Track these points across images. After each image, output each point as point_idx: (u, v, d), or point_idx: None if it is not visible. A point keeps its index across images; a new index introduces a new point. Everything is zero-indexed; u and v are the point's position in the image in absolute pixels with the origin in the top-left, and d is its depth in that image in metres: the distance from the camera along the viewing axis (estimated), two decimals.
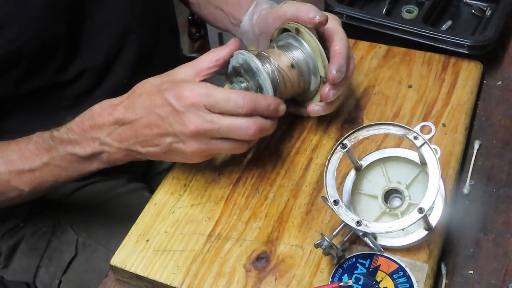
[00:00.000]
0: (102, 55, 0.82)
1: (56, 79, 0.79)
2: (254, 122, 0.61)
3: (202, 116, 0.60)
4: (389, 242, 0.61)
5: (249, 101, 0.61)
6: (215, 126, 0.61)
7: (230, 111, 0.61)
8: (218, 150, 0.64)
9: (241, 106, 0.61)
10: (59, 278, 0.85)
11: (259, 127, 0.62)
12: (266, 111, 0.63)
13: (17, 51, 0.72)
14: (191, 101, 0.60)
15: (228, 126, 0.61)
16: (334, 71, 0.66)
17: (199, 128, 0.60)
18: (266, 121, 0.63)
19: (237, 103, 0.61)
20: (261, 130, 0.62)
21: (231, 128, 0.61)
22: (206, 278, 0.61)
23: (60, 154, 0.67)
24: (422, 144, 0.57)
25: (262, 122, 0.62)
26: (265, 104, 0.62)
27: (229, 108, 0.61)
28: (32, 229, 0.88)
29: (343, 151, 0.59)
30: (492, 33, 0.81)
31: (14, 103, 0.79)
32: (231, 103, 0.61)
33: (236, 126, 0.61)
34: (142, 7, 0.85)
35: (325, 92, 0.68)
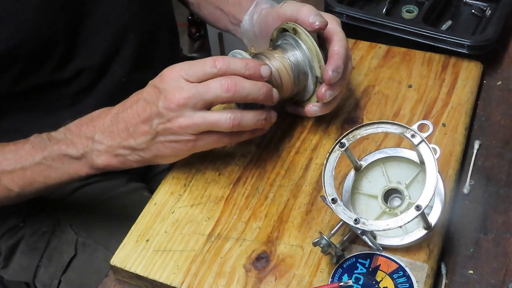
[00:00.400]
0: (100, 53, 0.82)
1: (54, 78, 0.79)
2: (231, 78, 0.61)
3: (181, 86, 0.61)
4: (389, 241, 0.61)
5: (223, 60, 0.62)
6: (192, 92, 0.61)
7: (206, 74, 0.62)
8: (204, 122, 0.62)
9: (214, 65, 0.61)
10: (58, 278, 0.85)
11: (234, 81, 0.61)
12: (244, 70, 0.62)
13: (14, 50, 0.72)
14: (170, 76, 0.62)
15: (204, 88, 0.61)
16: (330, 71, 0.66)
17: (179, 97, 0.61)
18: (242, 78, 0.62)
19: (210, 63, 0.62)
20: (238, 86, 0.61)
21: (206, 90, 0.61)
22: (206, 278, 0.61)
23: (53, 154, 0.67)
24: (420, 142, 0.57)
25: (238, 78, 0.62)
26: (241, 63, 0.62)
27: (204, 70, 0.62)
28: (32, 229, 0.88)
29: (341, 150, 0.59)
30: (492, 33, 0.81)
31: (11, 102, 0.79)
32: (205, 66, 0.62)
33: (211, 85, 0.61)
34: (139, 6, 0.85)
35: (322, 92, 0.68)
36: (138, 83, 0.75)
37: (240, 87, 0.61)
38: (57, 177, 0.69)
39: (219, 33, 1.85)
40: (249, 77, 0.62)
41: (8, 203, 0.73)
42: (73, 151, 0.66)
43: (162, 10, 0.92)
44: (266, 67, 0.64)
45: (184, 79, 0.62)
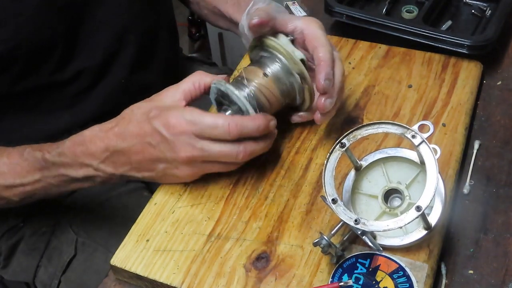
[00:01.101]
0: (99, 55, 0.82)
1: (53, 79, 0.79)
2: (244, 147, 0.63)
3: (192, 144, 0.62)
4: (389, 241, 0.61)
5: (235, 126, 0.62)
6: (205, 153, 0.63)
7: (218, 137, 0.62)
8: (211, 171, 0.66)
9: (228, 132, 0.62)
10: (58, 278, 0.85)
11: (249, 151, 0.64)
12: (256, 132, 0.63)
13: (14, 50, 0.72)
14: (179, 129, 0.62)
15: (218, 152, 0.63)
16: (322, 80, 0.66)
17: (190, 156, 0.63)
18: (257, 144, 0.64)
19: (224, 129, 0.62)
20: (252, 153, 0.64)
21: (221, 154, 0.63)
22: (206, 278, 0.61)
23: (53, 174, 0.68)
24: (420, 143, 0.57)
25: (251, 146, 0.64)
26: (253, 125, 0.63)
27: (217, 134, 0.62)
28: (32, 229, 0.88)
29: (342, 150, 0.59)
30: (492, 33, 0.81)
31: (11, 102, 0.79)
32: (218, 130, 0.62)
33: (226, 153, 0.63)
34: (140, 7, 0.85)
35: (322, 103, 0.67)
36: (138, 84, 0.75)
37: (253, 154, 0.65)
38: (59, 190, 0.70)
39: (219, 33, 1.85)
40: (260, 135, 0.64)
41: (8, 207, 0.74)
42: (73, 173, 0.67)
43: (162, 11, 0.91)
44: (273, 122, 0.65)
45: (195, 136, 0.62)
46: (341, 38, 0.88)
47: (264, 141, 0.65)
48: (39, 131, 0.74)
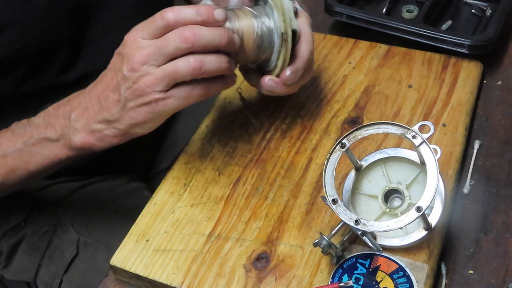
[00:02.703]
0: (104, 58, 0.81)
1: (58, 81, 0.79)
2: (186, 27, 0.59)
3: (141, 46, 0.60)
4: (389, 242, 0.61)
5: (171, 11, 0.60)
6: (152, 48, 0.59)
7: (159, 29, 0.60)
8: (167, 74, 0.60)
9: (164, 17, 0.60)
10: (60, 278, 0.85)
11: (192, 30, 0.59)
12: (196, 16, 0.60)
13: (19, 52, 0.72)
14: (129, 40, 0.61)
15: (162, 42, 0.59)
16: (288, 72, 0.66)
17: (140, 56, 0.60)
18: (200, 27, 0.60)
19: (162, 16, 0.60)
20: (195, 34, 0.59)
21: (164, 43, 0.59)
22: (206, 278, 0.61)
23: (33, 139, 0.66)
24: (421, 143, 0.57)
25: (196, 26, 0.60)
26: (192, 10, 0.60)
27: (157, 25, 0.60)
28: (33, 229, 0.88)
29: (342, 150, 0.59)
30: (492, 33, 0.81)
31: (15, 104, 0.79)
32: (158, 19, 0.60)
33: (169, 38, 0.59)
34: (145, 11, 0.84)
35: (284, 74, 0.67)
36: None
37: (199, 35, 0.59)
38: (38, 162, 0.67)
39: None
40: (203, 23, 0.60)
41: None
42: (51, 133, 0.65)
43: None
44: (219, 10, 0.61)
45: (142, 39, 0.60)
46: (341, 38, 0.87)
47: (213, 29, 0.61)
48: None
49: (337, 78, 0.82)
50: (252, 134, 0.76)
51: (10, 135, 0.68)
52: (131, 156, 0.92)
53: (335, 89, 0.80)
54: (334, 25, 0.94)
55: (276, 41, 0.66)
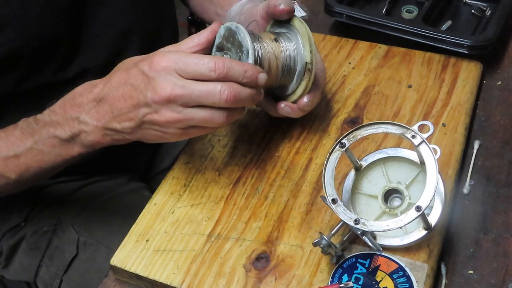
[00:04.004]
0: (102, 55, 0.82)
1: (57, 79, 0.79)
2: (228, 86, 0.59)
3: (173, 81, 0.58)
4: (389, 241, 0.61)
5: (222, 64, 0.59)
6: (187, 91, 0.58)
7: (202, 75, 0.59)
8: (194, 118, 0.60)
9: (213, 69, 0.58)
10: (60, 278, 0.85)
11: (234, 92, 0.59)
12: (242, 77, 0.60)
13: (18, 50, 0.73)
14: (161, 66, 0.59)
15: (200, 90, 0.58)
16: (307, 99, 0.69)
17: (170, 93, 0.58)
18: (242, 88, 0.60)
19: (209, 66, 0.58)
20: (236, 97, 0.59)
21: (203, 93, 0.58)
22: (206, 278, 0.61)
23: (43, 138, 0.66)
24: (420, 143, 0.57)
25: (237, 87, 0.59)
26: (240, 69, 0.60)
27: (201, 71, 0.59)
28: (33, 228, 0.88)
29: (342, 150, 0.59)
30: (492, 33, 0.81)
31: (14, 102, 0.79)
32: (203, 67, 0.58)
33: (208, 90, 0.58)
34: (143, 8, 0.85)
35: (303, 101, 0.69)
36: None
37: (238, 98, 0.60)
38: (51, 160, 0.67)
39: None
40: (245, 84, 0.60)
41: (11, 192, 0.72)
42: (61, 133, 0.65)
43: (164, 12, 0.92)
44: (263, 75, 0.62)
45: (177, 73, 0.59)
46: (341, 38, 0.88)
47: (251, 89, 0.61)
48: None
49: (337, 78, 0.82)
50: (252, 134, 0.76)
51: (18, 133, 0.67)
52: (131, 156, 0.92)
53: (335, 89, 0.80)
54: (334, 25, 0.94)
55: (298, 69, 0.68)
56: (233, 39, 0.64)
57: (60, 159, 0.67)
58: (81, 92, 0.64)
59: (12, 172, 0.68)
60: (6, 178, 0.69)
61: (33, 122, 0.67)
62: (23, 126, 0.68)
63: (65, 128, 0.65)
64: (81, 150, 0.66)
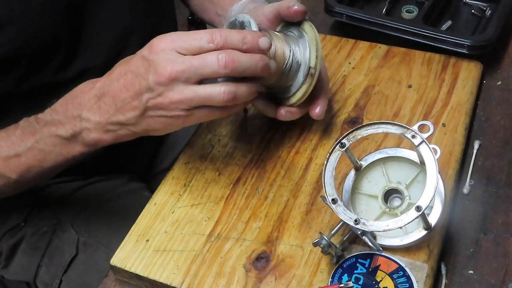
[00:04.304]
0: (103, 55, 0.82)
1: (57, 78, 0.79)
2: (227, 52, 0.57)
3: (172, 59, 0.58)
4: (389, 241, 0.61)
5: (219, 34, 0.58)
6: (186, 65, 0.58)
7: (201, 49, 0.58)
8: (196, 96, 0.59)
9: (211, 40, 0.58)
10: (59, 278, 0.85)
11: (232, 57, 0.57)
12: (241, 43, 0.59)
13: (18, 50, 0.73)
14: (160, 47, 0.58)
15: (199, 61, 0.58)
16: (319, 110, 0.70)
17: (171, 71, 0.57)
18: (242, 54, 0.58)
19: (206, 38, 0.58)
20: (235, 61, 0.58)
21: (201, 63, 0.57)
22: (206, 278, 0.61)
23: (44, 137, 0.65)
24: (420, 143, 0.57)
25: (236, 53, 0.58)
26: (238, 36, 0.58)
27: (200, 45, 0.58)
28: (33, 229, 0.88)
29: (342, 150, 0.59)
30: (492, 33, 0.81)
31: (14, 102, 0.79)
32: (201, 41, 0.58)
33: (208, 59, 0.57)
34: (143, 7, 0.85)
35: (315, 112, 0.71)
36: None
37: (238, 63, 0.58)
38: (52, 159, 0.67)
39: None
40: (246, 51, 0.59)
41: (12, 192, 0.72)
42: (62, 131, 0.64)
43: (164, 12, 0.92)
44: (265, 39, 0.60)
45: (176, 52, 0.58)
46: (341, 38, 0.88)
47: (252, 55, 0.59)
48: None
49: (337, 78, 0.82)
50: (252, 134, 0.76)
51: (19, 133, 0.67)
52: (131, 156, 0.92)
53: (335, 89, 0.80)
54: (334, 25, 0.94)
55: (301, 72, 0.67)
56: (235, 27, 0.63)
57: (62, 159, 0.67)
58: (82, 89, 0.64)
59: (13, 172, 0.68)
60: (7, 178, 0.69)
61: (34, 121, 0.67)
62: (24, 125, 0.68)
63: (67, 127, 0.64)
64: (83, 149, 0.65)
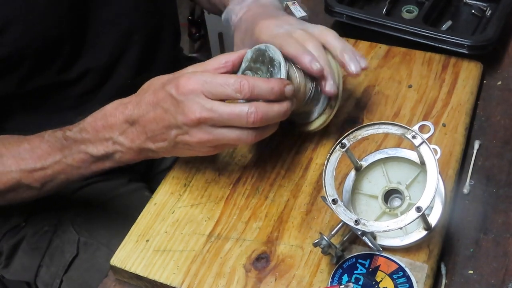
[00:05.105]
0: (105, 55, 0.82)
1: (60, 79, 0.79)
2: (256, 107, 0.59)
3: (201, 104, 0.59)
4: (389, 242, 0.61)
5: (248, 84, 0.59)
6: (215, 114, 0.59)
7: (229, 97, 0.59)
8: (224, 139, 0.61)
9: (239, 90, 0.59)
10: (60, 278, 0.85)
11: (261, 113, 0.59)
12: (269, 94, 0.60)
13: (22, 50, 0.73)
14: (188, 88, 0.59)
15: (228, 113, 0.59)
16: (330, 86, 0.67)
17: (199, 117, 0.59)
18: (269, 106, 0.60)
19: (235, 86, 0.59)
20: (263, 117, 0.60)
21: (231, 116, 0.59)
22: (206, 278, 0.61)
23: (73, 153, 0.66)
24: (421, 143, 0.57)
25: (264, 107, 0.60)
26: (267, 87, 0.60)
27: (228, 93, 0.59)
28: (34, 229, 0.88)
29: (342, 150, 0.59)
30: (492, 33, 0.81)
31: (17, 102, 0.80)
32: (229, 88, 0.59)
33: (236, 113, 0.59)
34: (146, 8, 0.85)
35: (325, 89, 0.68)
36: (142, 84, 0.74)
37: (266, 118, 0.60)
38: (79, 173, 0.68)
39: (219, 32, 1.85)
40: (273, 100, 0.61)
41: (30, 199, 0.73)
42: (93, 150, 0.66)
43: (166, 12, 0.92)
44: (290, 87, 0.61)
45: (204, 96, 0.60)
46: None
47: (279, 105, 0.61)
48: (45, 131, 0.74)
49: None
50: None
51: (46, 147, 0.68)
52: None
53: None
54: (334, 25, 0.94)
55: (322, 100, 0.69)
56: (263, 58, 0.64)
57: (90, 172, 0.69)
58: (111, 112, 0.65)
59: (37, 182, 0.69)
60: (30, 187, 0.70)
61: (62, 137, 0.67)
62: (50, 140, 0.68)
63: (98, 147, 0.66)
64: (113, 165, 0.68)
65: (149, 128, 0.63)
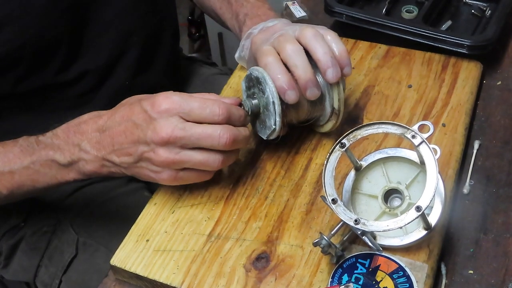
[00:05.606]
0: (104, 56, 0.82)
1: (57, 79, 0.79)
2: (228, 129, 0.61)
3: (174, 123, 0.60)
4: (389, 241, 0.61)
5: (225, 109, 0.61)
6: (186, 134, 0.60)
7: (205, 119, 0.61)
8: (190, 161, 0.62)
9: (217, 113, 0.60)
10: (59, 278, 0.85)
11: (233, 135, 0.61)
12: (237, 122, 0.63)
13: (18, 50, 0.72)
14: (164, 107, 0.60)
15: (200, 134, 0.60)
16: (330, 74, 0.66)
17: (169, 135, 0.60)
18: (238, 129, 0.62)
19: (212, 110, 0.60)
20: (234, 140, 0.61)
21: (202, 136, 0.60)
22: (206, 278, 0.61)
23: (41, 159, 0.67)
24: (420, 143, 0.57)
25: (234, 129, 0.62)
26: (238, 115, 0.63)
27: (204, 115, 0.60)
28: (33, 229, 0.88)
29: (342, 150, 0.59)
30: (492, 33, 0.81)
31: (15, 102, 0.79)
32: (206, 110, 0.60)
33: (208, 134, 0.60)
34: (144, 9, 0.85)
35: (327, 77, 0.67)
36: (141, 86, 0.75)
37: (235, 142, 0.62)
38: (45, 181, 0.68)
39: (219, 32, 1.85)
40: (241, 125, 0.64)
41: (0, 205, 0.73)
42: (60, 157, 0.66)
43: (165, 13, 0.92)
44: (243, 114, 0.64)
45: (179, 117, 0.60)
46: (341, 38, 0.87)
47: (244, 129, 0.64)
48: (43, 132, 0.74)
49: None
50: (252, 134, 0.76)
51: (17, 151, 0.68)
52: None
53: None
54: (334, 25, 0.94)
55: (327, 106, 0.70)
56: (252, 81, 0.67)
57: (55, 182, 0.68)
58: (86, 120, 0.65)
59: (4, 188, 0.69)
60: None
61: (34, 142, 0.68)
62: (23, 144, 0.68)
63: (65, 153, 0.65)
64: (77, 177, 0.67)
65: (117, 140, 0.63)
